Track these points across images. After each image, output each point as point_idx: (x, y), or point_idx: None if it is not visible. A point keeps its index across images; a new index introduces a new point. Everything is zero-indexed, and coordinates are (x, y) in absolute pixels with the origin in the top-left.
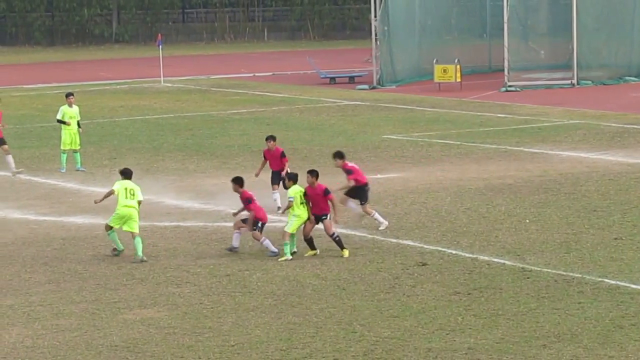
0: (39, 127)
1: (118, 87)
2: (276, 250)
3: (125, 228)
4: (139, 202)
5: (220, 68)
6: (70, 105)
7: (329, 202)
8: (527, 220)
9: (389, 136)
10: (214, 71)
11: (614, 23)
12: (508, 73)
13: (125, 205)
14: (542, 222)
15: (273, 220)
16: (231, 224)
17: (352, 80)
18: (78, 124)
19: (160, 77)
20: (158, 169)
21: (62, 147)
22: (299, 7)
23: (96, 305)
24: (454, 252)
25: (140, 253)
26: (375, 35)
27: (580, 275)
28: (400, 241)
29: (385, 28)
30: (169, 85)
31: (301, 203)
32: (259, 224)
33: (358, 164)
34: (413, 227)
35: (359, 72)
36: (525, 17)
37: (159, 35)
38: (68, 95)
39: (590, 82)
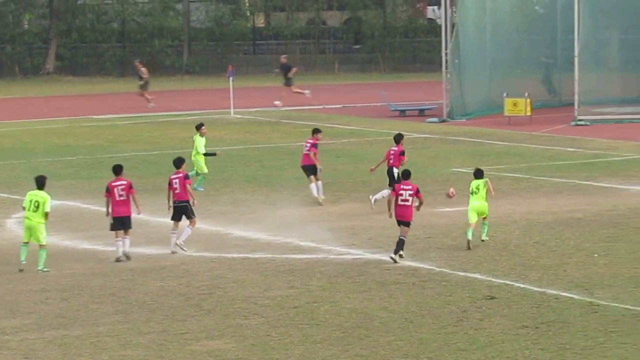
0: (108, 157)
1: (188, 118)
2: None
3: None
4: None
5: (290, 100)
6: (202, 136)
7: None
8: (596, 255)
9: (458, 169)
10: (284, 103)
11: None
12: (578, 107)
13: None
14: (611, 256)
15: None
16: (300, 256)
17: (422, 113)
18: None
19: (230, 108)
20: (227, 200)
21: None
22: (370, 39)
23: (164, 337)
24: (522, 285)
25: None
26: (446, 68)
27: None
28: (469, 274)
29: (456, 61)
30: (239, 116)
31: None
32: None
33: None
34: (481, 260)
35: (429, 105)
36: (597, 51)
37: (230, 66)
38: (200, 126)
39: None
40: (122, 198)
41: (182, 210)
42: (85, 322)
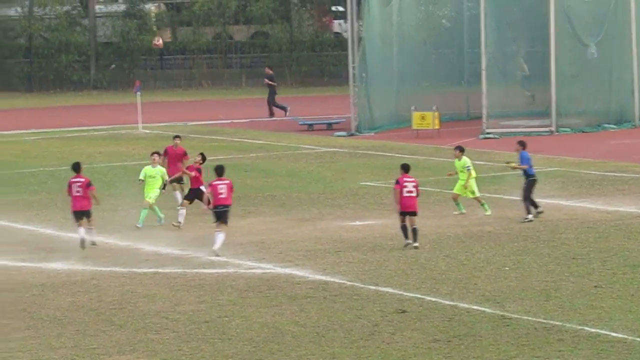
0: (16, 173)
1: (96, 133)
2: None
3: None
4: None
5: (198, 114)
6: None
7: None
8: (507, 268)
9: (367, 183)
10: (192, 117)
11: (592, 70)
12: (486, 120)
13: None
14: (521, 269)
15: None
16: (210, 271)
17: (330, 127)
18: None
19: (138, 123)
20: (136, 215)
21: None
22: (277, 54)
23: (75, 352)
24: (433, 299)
25: None
26: (354, 81)
27: (560, 323)
28: (380, 288)
29: (363, 75)
30: (147, 131)
31: None
32: None
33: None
34: (392, 274)
35: (337, 119)
36: (504, 65)
37: (137, 81)
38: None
39: (569, 129)
40: (78, 194)
41: (222, 215)
42: None
